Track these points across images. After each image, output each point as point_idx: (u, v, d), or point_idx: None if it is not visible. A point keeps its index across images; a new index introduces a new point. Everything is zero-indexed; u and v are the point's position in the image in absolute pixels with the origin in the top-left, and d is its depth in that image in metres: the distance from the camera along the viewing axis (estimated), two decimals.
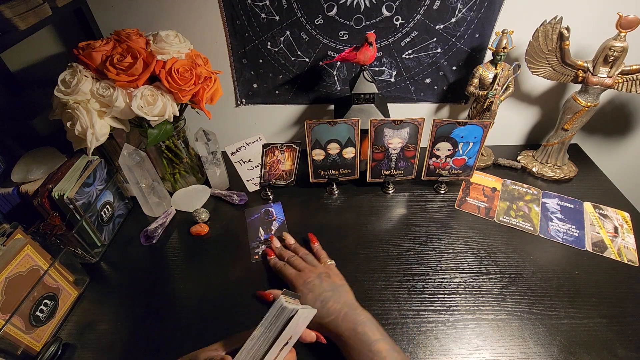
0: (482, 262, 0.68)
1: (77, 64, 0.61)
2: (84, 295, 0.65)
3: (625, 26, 0.66)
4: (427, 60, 0.83)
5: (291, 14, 0.76)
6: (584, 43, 0.78)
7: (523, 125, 0.97)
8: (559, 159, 0.86)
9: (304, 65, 0.85)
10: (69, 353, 0.57)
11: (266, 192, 0.82)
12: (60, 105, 0.62)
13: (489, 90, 0.77)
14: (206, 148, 0.77)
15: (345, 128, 0.75)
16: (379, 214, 0.78)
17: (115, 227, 0.76)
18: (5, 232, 0.55)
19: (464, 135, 0.74)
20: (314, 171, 0.81)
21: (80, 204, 0.65)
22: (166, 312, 0.62)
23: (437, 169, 0.80)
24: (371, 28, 0.78)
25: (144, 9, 0.76)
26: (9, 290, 0.51)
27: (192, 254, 0.72)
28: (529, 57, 0.75)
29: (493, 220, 0.76)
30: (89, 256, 0.69)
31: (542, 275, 0.65)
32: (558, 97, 0.90)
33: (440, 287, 0.64)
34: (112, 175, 0.75)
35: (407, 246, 0.71)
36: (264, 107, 0.93)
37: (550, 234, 0.73)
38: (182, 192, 0.79)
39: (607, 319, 0.59)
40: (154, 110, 0.63)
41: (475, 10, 0.75)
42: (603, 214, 0.76)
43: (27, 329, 0.54)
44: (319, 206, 0.81)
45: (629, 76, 0.72)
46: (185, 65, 0.64)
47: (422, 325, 0.58)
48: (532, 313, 0.59)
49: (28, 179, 0.64)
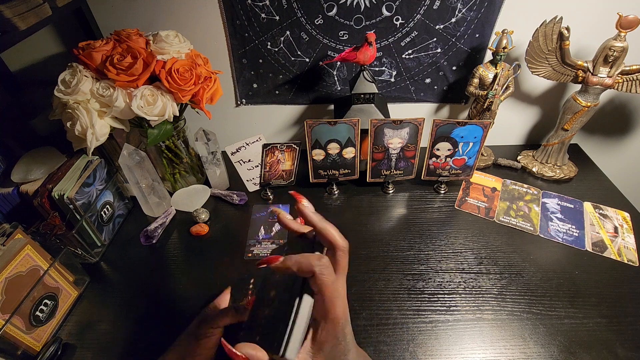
0: (482, 262, 0.68)
1: (77, 64, 0.61)
2: (84, 295, 0.65)
3: (625, 26, 0.66)
4: (427, 60, 0.83)
5: (291, 14, 0.76)
6: (584, 43, 0.78)
7: (523, 125, 0.97)
8: (559, 159, 0.86)
9: (304, 65, 0.85)
10: (69, 353, 0.57)
11: (266, 192, 0.82)
12: (60, 105, 0.62)
13: (489, 90, 0.77)
14: (206, 148, 0.77)
15: (345, 128, 0.75)
16: (379, 214, 0.78)
17: (115, 227, 0.76)
18: (5, 232, 0.55)
19: (464, 135, 0.74)
20: (314, 171, 0.81)
21: (80, 204, 0.65)
22: (166, 312, 0.62)
23: (437, 169, 0.80)
24: (371, 28, 0.78)
25: (144, 9, 0.76)
26: (9, 290, 0.51)
27: (192, 254, 0.72)
28: (529, 57, 0.75)
29: (493, 220, 0.76)
30: (89, 256, 0.69)
31: (542, 275, 0.65)
32: (558, 97, 0.90)
33: (440, 287, 0.64)
34: (112, 175, 0.75)
35: (407, 246, 0.71)
36: (264, 107, 0.93)
37: (550, 234, 0.73)
38: (182, 192, 0.79)
39: (607, 319, 0.59)
40: (154, 110, 0.63)
41: (475, 10, 0.75)
42: (603, 214, 0.76)
43: (27, 329, 0.54)
44: (319, 206, 0.81)
45: (629, 76, 0.72)
46: (185, 65, 0.64)
47: (422, 325, 0.58)
48: (532, 313, 0.59)
49: (28, 179, 0.64)
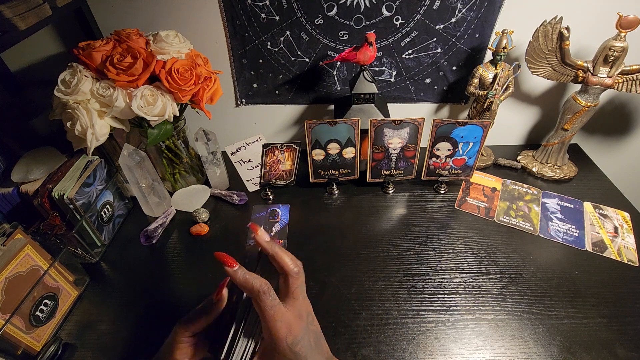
0: (482, 262, 0.68)
1: (77, 64, 0.61)
2: (84, 295, 0.65)
3: (625, 26, 0.66)
4: (427, 60, 0.83)
5: (291, 14, 0.76)
6: (584, 43, 0.78)
7: (523, 125, 0.97)
8: (559, 159, 0.86)
9: (304, 65, 0.84)
10: (69, 353, 0.57)
11: (266, 192, 0.82)
12: (60, 105, 0.62)
13: (489, 90, 0.77)
14: (206, 148, 0.77)
15: (345, 128, 0.75)
16: (379, 214, 0.78)
17: (115, 227, 0.76)
18: (5, 232, 0.55)
19: (464, 135, 0.74)
20: (314, 171, 0.81)
21: (80, 204, 0.65)
22: (166, 312, 0.62)
23: (437, 169, 0.80)
24: (371, 28, 0.78)
25: (144, 9, 0.76)
26: (9, 290, 0.51)
27: (192, 254, 0.72)
28: (529, 57, 0.75)
29: (493, 220, 0.76)
30: (89, 256, 0.69)
31: (542, 275, 0.65)
32: (558, 97, 0.89)
33: (440, 287, 0.64)
34: (112, 175, 0.75)
35: (407, 246, 0.71)
36: (264, 107, 0.93)
37: (550, 234, 0.73)
38: (182, 192, 0.79)
39: (607, 319, 0.59)
40: (154, 110, 0.63)
41: (475, 10, 0.75)
42: (603, 214, 0.76)
43: (27, 329, 0.54)
44: (319, 206, 0.81)
45: (629, 76, 0.72)
46: (185, 65, 0.64)
47: (422, 325, 0.58)
48: (532, 313, 0.59)
49: (28, 179, 0.64)
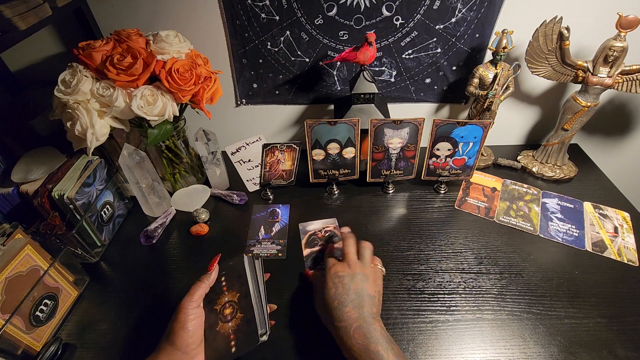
0: (482, 262, 0.68)
1: (77, 64, 0.61)
2: (84, 295, 0.65)
3: (625, 26, 0.66)
4: (427, 60, 0.83)
5: (291, 14, 0.76)
6: (584, 43, 0.78)
7: (523, 125, 0.97)
8: (559, 159, 0.86)
9: (304, 65, 0.85)
10: (69, 353, 0.57)
11: (266, 192, 0.82)
12: (60, 105, 0.62)
13: (489, 90, 0.77)
14: (206, 148, 0.77)
15: (345, 128, 0.75)
16: (379, 214, 0.78)
17: (115, 227, 0.76)
18: (5, 232, 0.55)
19: (464, 135, 0.74)
20: (314, 171, 0.81)
21: (80, 204, 0.65)
22: (166, 312, 0.61)
23: (437, 169, 0.80)
24: (371, 28, 0.78)
25: (144, 9, 0.76)
26: (9, 290, 0.51)
27: (192, 254, 0.72)
28: (529, 57, 0.75)
29: (493, 220, 0.76)
30: (89, 256, 0.69)
31: (542, 275, 0.65)
32: (558, 97, 0.90)
33: (440, 287, 0.64)
34: (112, 175, 0.75)
35: (407, 246, 0.71)
36: (264, 107, 0.93)
37: (550, 234, 0.73)
38: (182, 192, 0.79)
39: (607, 319, 0.59)
40: (154, 110, 0.63)
41: (475, 10, 0.75)
42: (603, 214, 0.76)
43: (27, 329, 0.54)
44: (319, 206, 0.81)
45: (629, 76, 0.72)
46: (185, 65, 0.64)
47: (422, 325, 0.58)
48: (532, 313, 0.60)
49: (28, 179, 0.64)
